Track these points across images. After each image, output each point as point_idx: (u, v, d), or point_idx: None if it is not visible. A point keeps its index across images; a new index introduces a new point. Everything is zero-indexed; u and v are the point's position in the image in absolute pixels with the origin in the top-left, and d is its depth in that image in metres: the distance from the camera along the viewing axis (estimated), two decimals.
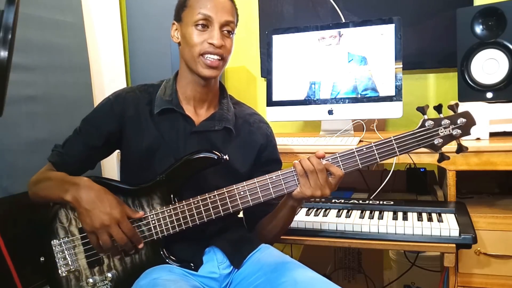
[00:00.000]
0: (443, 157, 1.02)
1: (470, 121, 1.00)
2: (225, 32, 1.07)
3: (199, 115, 1.14)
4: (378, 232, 1.22)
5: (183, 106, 1.13)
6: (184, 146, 1.09)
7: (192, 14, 1.05)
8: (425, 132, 1.00)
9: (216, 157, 1.03)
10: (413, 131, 1.01)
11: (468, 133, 1.01)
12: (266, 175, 1.02)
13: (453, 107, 1.00)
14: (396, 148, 1.00)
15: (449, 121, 1.00)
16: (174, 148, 1.09)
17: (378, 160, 1.01)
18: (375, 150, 1.00)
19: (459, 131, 1.00)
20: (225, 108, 1.16)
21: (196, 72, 1.07)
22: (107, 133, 1.11)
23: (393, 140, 1.00)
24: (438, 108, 1.01)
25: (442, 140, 1.00)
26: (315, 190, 0.99)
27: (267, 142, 1.20)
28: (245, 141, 1.16)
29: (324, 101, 1.67)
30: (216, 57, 1.05)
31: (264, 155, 1.19)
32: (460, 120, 0.99)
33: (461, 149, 1.02)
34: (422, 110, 1.01)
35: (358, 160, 1.01)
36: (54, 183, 1.05)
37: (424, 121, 1.01)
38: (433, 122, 1.00)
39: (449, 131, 1.00)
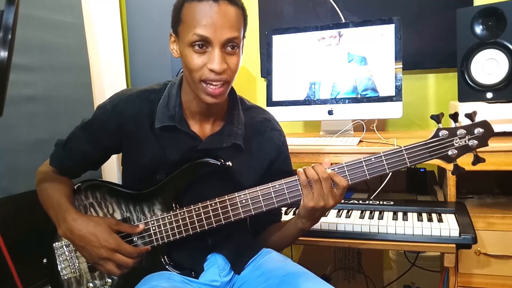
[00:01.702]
0: (458, 169, 0.96)
1: (488, 131, 0.93)
2: (229, 49, 0.93)
3: (205, 129, 1.05)
4: (378, 232, 1.22)
5: (188, 120, 1.04)
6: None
7: (187, 33, 0.91)
8: (439, 143, 0.94)
9: (219, 163, 0.99)
10: (425, 141, 0.94)
11: (485, 144, 0.94)
12: (270, 183, 0.98)
13: (470, 116, 0.93)
14: (406, 159, 0.94)
15: (465, 131, 0.93)
16: (177, 166, 1.02)
17: (387, 171, 0.94)
18: (384, 161, 0.94)
19: (476, 142, 0.93)
20: (235, 121, 1.06)
21: (199, 97, 0.97)
22: (104, 146, 1.07)
23: (403, 151, 0.94)
24: (454, 117, 0.94)
25: (457, 151, 0.93)
26: (319, 200, 0.93)
27: (278, 155, 1.12)
28: (254, 155, 1.08)
29: (324, 101, 1.67)
30: (218, 83, 0.93)
31: (275, 168, 1.11)
32: (478, 130, 0.93)
33: (478, 160, 0.95)
34: (436, 118, 0.93)
35: (366, 171, 0.95)
36: (51, 206, 1.03)
37: (438, 130, 0.94)
38: (447, 132, 0.93)
39: (465, 141, 0.93)
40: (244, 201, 0.98)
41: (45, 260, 1.08)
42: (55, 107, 1.74)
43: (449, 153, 0.94)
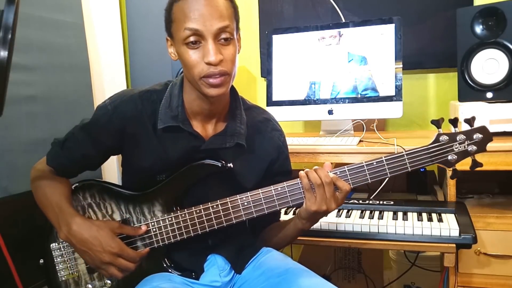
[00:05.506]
0: (456, 174, 0.98)
1: (486, 137, 0.95)
2: (222, 40, 0.92)
3: (208, 130, 1.04)
4: (378, 232, 1.22)
5: (191, 121, 1.02)
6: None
7: (179, 30, 0.91)
8: (439, 148, 0.95)
9: (220, 165, 0.99)
10: (426, 146, 0.96)
11: (484, 150, 0.95)
12: (271, 186, 0.98)
13: (469, 121, 0.96)
14: (408, 163, 0.95)
15: (465, 137, 0.95)
16: (179, 167, 1.01)
17: (389, 175, 0.96)
18: (385, 165, 0.95)
19: (475, 147, 0.95)
20: (238, 121, 1.05)
21: (202, 93, 0.96)
22: (105, 148, 1.05)
23: (405, 155, 0.95)
24: (454, 122, 0.96)
25: (456, 156, 0.95)
26: (321, 204, 0.93)
27: (278, 155, 1.11)
28: (255, 155, 1.08)
29: (324, 101, 1.67)
30: (217, 75, 0.92)
31: (274, 168, 1.11)
32: (476, 136, 0.95)
33: (476, 165, 0.97)
34: (437, 123, 0.95)
35: (368, 175, 0.96)
36: (50, 208, 1.01)
37: (439, 135, 0.96)
38: (448, 138, 0.95)
39: (464, 147, 0.95)
40: (246, 203, 0.98)
41: (41, 261, 1.06)
42: (55, 107, 1.74)
43: (449, 158, 0.96)
